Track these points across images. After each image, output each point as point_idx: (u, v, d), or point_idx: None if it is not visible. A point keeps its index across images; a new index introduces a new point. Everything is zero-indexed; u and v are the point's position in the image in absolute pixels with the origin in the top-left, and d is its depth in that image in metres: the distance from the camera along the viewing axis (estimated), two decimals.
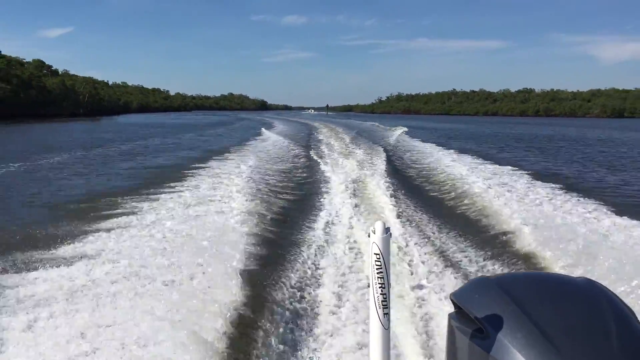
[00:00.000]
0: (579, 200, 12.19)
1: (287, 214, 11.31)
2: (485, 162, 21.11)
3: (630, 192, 15.59)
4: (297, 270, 7.33)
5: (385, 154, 24.53)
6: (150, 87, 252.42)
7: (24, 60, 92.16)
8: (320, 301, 6.17)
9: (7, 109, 74.98)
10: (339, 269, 7.35)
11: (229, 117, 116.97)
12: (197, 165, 19.21)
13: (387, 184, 14.56)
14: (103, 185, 15.71)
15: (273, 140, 34.57)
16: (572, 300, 1.50)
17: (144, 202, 11.67)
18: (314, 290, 6.54)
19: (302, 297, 6.33)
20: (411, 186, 15.71)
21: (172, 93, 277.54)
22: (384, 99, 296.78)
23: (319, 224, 10.18)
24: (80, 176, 17.70)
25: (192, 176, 15.97)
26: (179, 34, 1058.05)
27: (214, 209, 10.51)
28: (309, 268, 7.45)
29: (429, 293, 6.34)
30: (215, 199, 11.69)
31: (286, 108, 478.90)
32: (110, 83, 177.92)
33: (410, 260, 7.68)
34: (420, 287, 6.57)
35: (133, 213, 10.44)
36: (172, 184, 14.26)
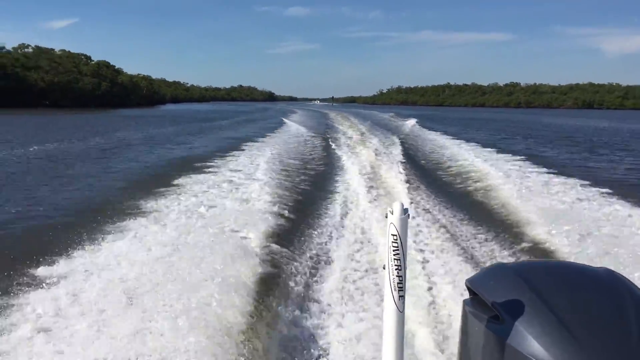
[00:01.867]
0: (592, 188, 11.65)
1: (307, 187, 12.51)
2: (489, 149, 21.48)
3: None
4: (311, 250, 7.41)
5: (399, 140, 26.13)
6: (171, 80, 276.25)
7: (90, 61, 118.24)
8: (334, 283, 6.11)
9: (104, 100, 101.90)
10: (352, 250, 7.41)
11: (253, 106, 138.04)
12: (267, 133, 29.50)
13: (400, 169, 15.06)
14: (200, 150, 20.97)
15: (296, 127, 38.57)
16: (592, 290, 1.49)
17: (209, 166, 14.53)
18: (327, 272, 6.53)
19: (316, 278, 6.31)
20: (423, 172, 15.95)
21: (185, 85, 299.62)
22: (384, 91, 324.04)
23: (336, 202, 10.83)
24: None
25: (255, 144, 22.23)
26: (182, 26, 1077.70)
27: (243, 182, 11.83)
28: (322, 249, 7.54)
29: (442, 279, 6.21)
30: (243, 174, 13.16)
31: (292, 99, 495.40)
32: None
33: (422, 245, 7.68)
34: (433, 272, 6.45)
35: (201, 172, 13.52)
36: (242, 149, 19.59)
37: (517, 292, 1.47)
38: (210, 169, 14.35)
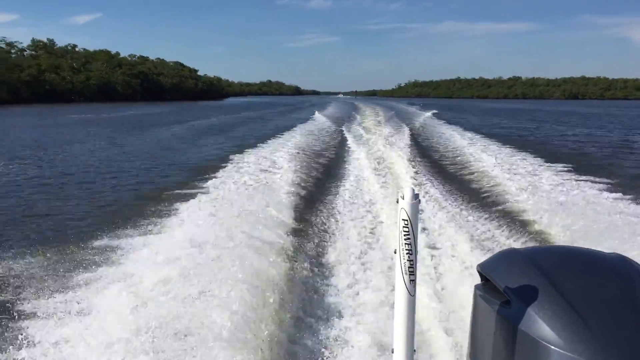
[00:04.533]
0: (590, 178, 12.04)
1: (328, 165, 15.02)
2: (496, 141, 21.84)
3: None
4: (324, 234, 7.77)
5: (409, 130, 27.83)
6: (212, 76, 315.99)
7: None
8: (346, 268, 6.22)
9: (198, 95, 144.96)
10: (363, 235, 7.64)
11: (296, 99, 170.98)
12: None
13: (410, 157, 15.77)
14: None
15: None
16: (603, 275, 1.50)
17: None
18: (338, 257, 6.63)
19: (327, 264, 6.42)
20: (434, 160, 16.63)
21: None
22: (402, 85, 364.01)
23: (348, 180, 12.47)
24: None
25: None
26: (204, 21, 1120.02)
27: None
28: (334, 232, 7.88)
29: (453, 264, 6.27)
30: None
31: (314, 93, 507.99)
32: None
33: (434, 230, 7.82)
34: (444, 258, 6.53)
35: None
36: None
37: (529, 277, 1.48)
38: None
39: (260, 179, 11.41)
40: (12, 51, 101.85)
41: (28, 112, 54.86)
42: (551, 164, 14.40)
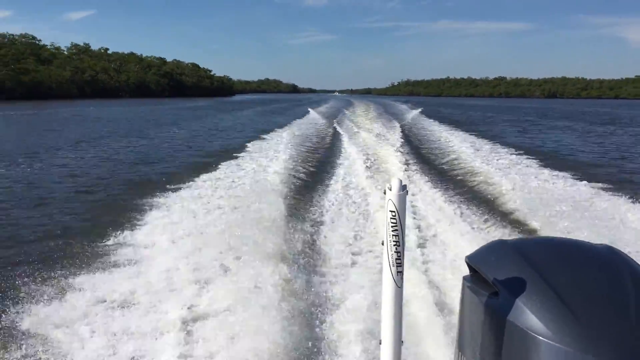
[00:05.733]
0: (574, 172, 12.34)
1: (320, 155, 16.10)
2: (479, 137, 23.04)
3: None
4: (314, 224, 7.93)
5: (399, 123, 30.69)
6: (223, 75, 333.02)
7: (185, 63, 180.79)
8: (333, 258, 6.30)
9: (213, 92, 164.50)
10: (352, 227, 7.69)
11: (297, 96, 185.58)
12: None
13: (400, 149, 16.41)
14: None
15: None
16: (592, 266, 1.51)
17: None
18: (326, 249, 6.71)
19: (316, 254, 6.47)
20: (423, 155, 16.97)
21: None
22: (395, 84, 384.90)
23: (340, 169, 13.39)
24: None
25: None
26: (199, 18, 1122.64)
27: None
28: (322, 227, 7.89)
29: (442, 255, 6.35)
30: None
31: (311, 91, 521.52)
32: None
33: (422, 222, 7.80)
34: (432, 249, 6.57)
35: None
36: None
37: (517, 269, 1.48)
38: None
39: (255, 172, 12.11)
40: (68, 53, 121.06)
41: (116, 104, 73.00)
42: (540, 160, 14.65)
